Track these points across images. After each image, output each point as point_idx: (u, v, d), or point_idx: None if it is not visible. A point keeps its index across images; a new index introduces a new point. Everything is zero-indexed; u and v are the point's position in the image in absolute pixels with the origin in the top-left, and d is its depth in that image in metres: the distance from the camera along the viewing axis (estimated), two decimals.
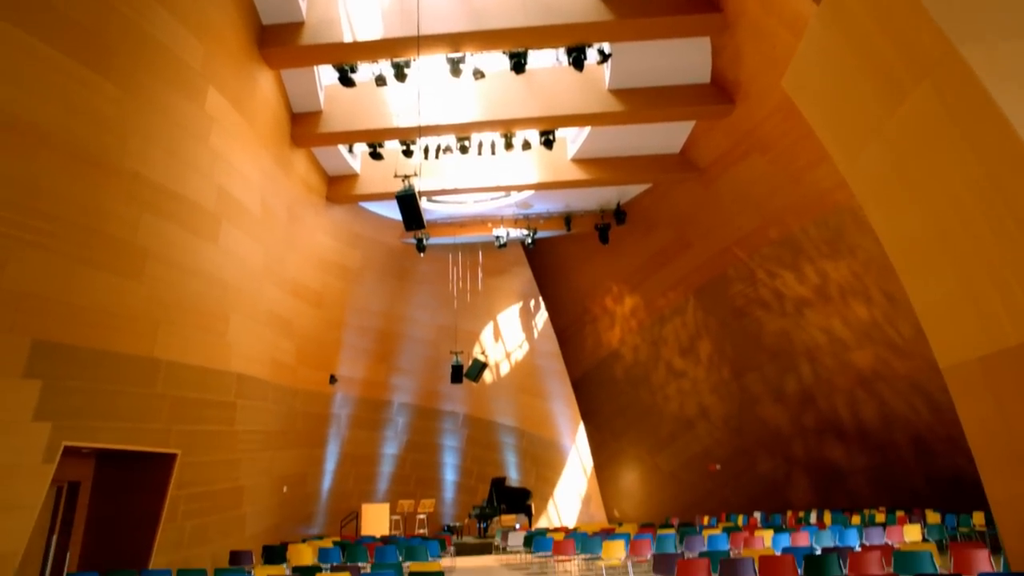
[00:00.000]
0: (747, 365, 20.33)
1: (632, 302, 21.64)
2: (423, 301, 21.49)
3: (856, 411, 19.08)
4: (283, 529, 16.71)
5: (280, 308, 16.09)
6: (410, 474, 21.42)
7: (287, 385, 16.72)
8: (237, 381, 13.69)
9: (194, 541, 12.32)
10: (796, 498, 20.77)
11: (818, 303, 17.92)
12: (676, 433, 21.98)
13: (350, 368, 19.92)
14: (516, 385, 22.70)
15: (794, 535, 11.03)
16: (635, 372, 22.13)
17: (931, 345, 6.77)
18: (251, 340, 14.37)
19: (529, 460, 22.66)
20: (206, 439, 12.66)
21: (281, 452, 16.47)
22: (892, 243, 6.57)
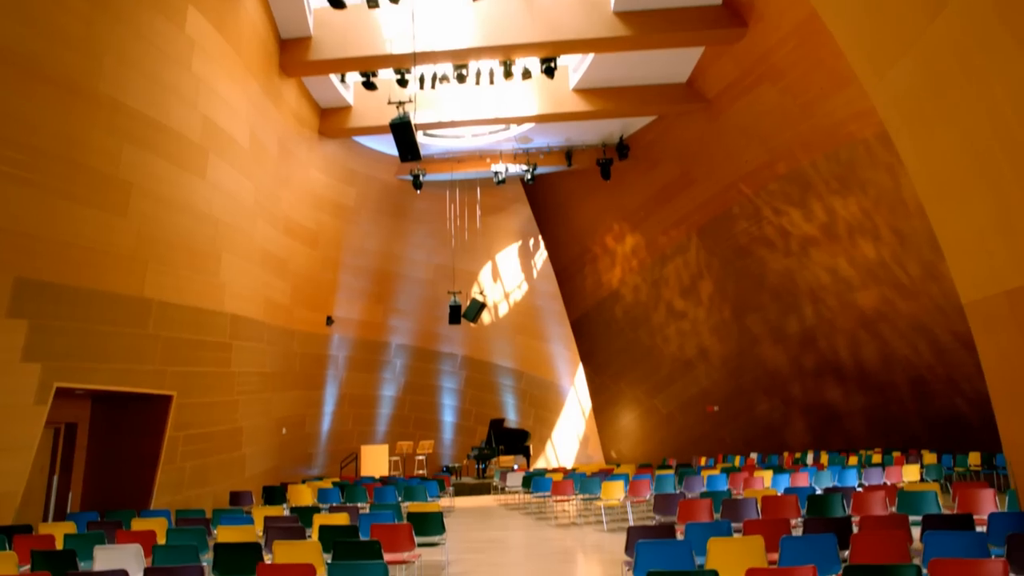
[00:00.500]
0: (749, 306, 20.24)
1: (633, 241, 21.37)
2: (420, 240, 21.19)
3: (856, 352, 19.12)
4: (283, 470, 16.87)
5: (274, 247, 15.80)
6: (409, 416, 21.58)
7: (283, 326, 16.58)
8: (232, 322, 13.52)
9: (194, 482, 12.38)
10: (793, 439, 21.04)
11: (824, 242, 17.69)
12: (675, 375, 22.08)
13: (347, 309, 19.78)
14: (515, 326, 22.65)
15: (794, 476, 11.10)
16: (635, 313, 22.06)
17: (954, 279, 6.55)
18: (245, 280, 14.14)
19: (528, 402, 22.83)
20: (202, 380, 12.57)
21: (279, 394, 16.46)
22: (920, 168, 6.27)
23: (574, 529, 11.18)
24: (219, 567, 5.57)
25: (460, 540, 10.42)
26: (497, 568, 8.23)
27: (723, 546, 5.06)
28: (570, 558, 8.85)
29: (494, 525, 12.06)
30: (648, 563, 5.01)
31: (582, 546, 9.66)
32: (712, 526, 5.96)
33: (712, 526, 5.96)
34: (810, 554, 4.95)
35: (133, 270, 10.50)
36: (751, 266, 19.62)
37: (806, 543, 5.03)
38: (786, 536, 5.08)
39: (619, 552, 8.89)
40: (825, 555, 4.94)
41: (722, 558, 4.96)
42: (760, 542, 5.04)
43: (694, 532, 5.86)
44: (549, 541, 10.16)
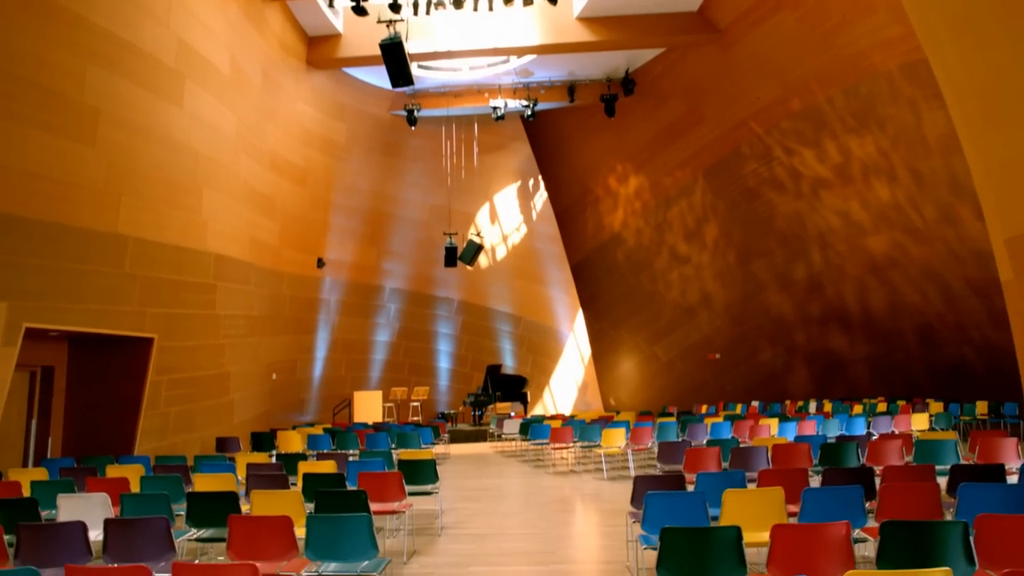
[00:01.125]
0: (755, 251, 19.77)
1: (637, 182, 20.73)
2: (415, 180, 20.50)
3: (864, 299, 18.77)
4: (274, 416, 16.64)
5: (259, 184, 15.17)
6: (403, 361, 21.30)
7: (271, 268, 16.09)
8: (215, 262, 13.02)
9: (180, 428, 12.09)
10: (794, 388, 20.87)
11: (837, 184, 17.10)
12: (676, 321, 21.75)
13: (338, 251, 19.25)
14: (513, 270, 22.16)
15: (800, 424, 10.83)
16: (637, 257, 21.58)
17: (989, 217, 6.04)
18: (228, 217, 13.57)
19: (525, 347, 22.54)
20: (185, 323, 12.15)
21: (268, 338, 16.09)
22: (963, 89, 5.69)
23: (572, 477, 10.95)
24: (193, 517, 5.22)
25: (455, 488, 10.18)
26: (492, 517, 7.97)
27: (739, 498, 4.71)
28: (568, 507, 8.59)
29: (490, 473, 11.84)
30: (658, 517, 4.65)
31: (581, 495, 9.42)
32: (724, 476, 5.61)
33: (724, 476, 5.61)
34: (834, 507, 4.59)
35: (106, 204, 9.93)
36: (759, 209, 19.06)
37: (830, 495, 4.67)
38: (809, 488, 4.71)
39: (620, 501, 8.63)
40: (851, 508, 4.59)
41: (739, 511, 4.61)
42: (780, 494, 4.68)
43: (706, 483, 5.51)
44: (546, 489, 9.91)
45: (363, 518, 4.20)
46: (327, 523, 4.25)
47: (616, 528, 7.17)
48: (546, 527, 7.40)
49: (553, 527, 7.42)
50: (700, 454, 7.43)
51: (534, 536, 7.01)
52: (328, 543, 4.22)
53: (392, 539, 6.99)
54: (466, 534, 7.17)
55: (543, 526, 7.45)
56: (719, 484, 5.42)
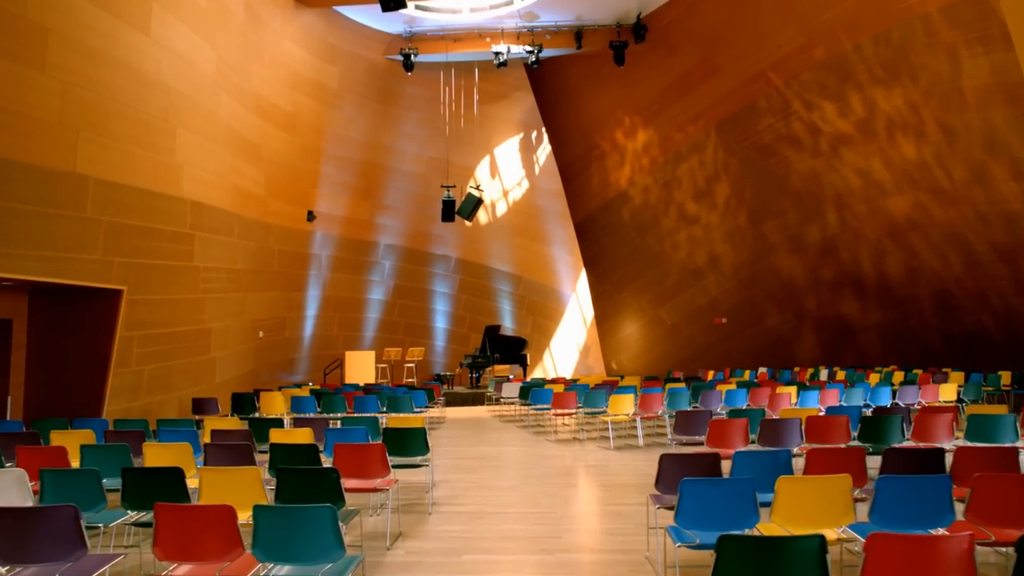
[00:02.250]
0: (767, 211, 18.72)
1: (645, 137, 19.54)
2: (411, 130, 19.28)
3: (880, 264, 17.80)
4: (261, 376, 15.75)
5: (243, 128, 14.02)
6: (398, 321, 20.35)
7: (257, 219, 15.02)
8: (192, 210, 11.95)
9: (155, 387, 11.17)
10: (802, 354, 20.03)
11: (859, 140, 15.98)
12: (682, 284, 20.78)
13: (330, 204, 18.15)
14: (514, 227, 21.06)
15: (823, 393, 9.94)
16: (643, 216, 20.51)
17: None
18: (207, 162, 12.46)
19: (525, 308, 21.58)
20: (159, 275, 11.14)
21: (254, 294, 15.10)
22: None
23: (575, 446, 10.09)
24: (129, 498, 4.29)
25: (448, 456, 9.31)
26: (489, 492, 7.08)
27: (796, 488, 3.77)
28: (573, 480, 7.72)
29: (487, 439, 10.98)
30: (697, 510, 3.72)
31: (585, 466, 8.54)
32: (766, 458, 4.67)
33: (766, 458, 4.67)
34: (914, 501, 3.66)
35: (61, 139, 8.83)
36: (773, 167, 17.95)
37: (910, 487, 3.73)
38: (886, 477, 3.76)
39: (628, 474, 7.76)
40: (935, 504, 3.66)
41: (797, 505, 3.67)
42: (846, 483, 3.74)
43: (745, 465, 4.58)
44: (548, 459, 9.05)
45: (325, 511, 3.25)
46: (280, 516, 3.31)
47: (628, 507, 6.28)
48: (549, 504, 6.52)
49: (557, 504, 6.53)
50: (725, 427, 6.51)
51: (536, 516, 6.12)
52: (281, 541, 3.28)
53: (375, 517, 6.11)
54: (460, 512, 6.29)
55: (546, 503, 6.56)
56: (761, 467, 4.50)
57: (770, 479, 3.88)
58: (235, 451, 5.35)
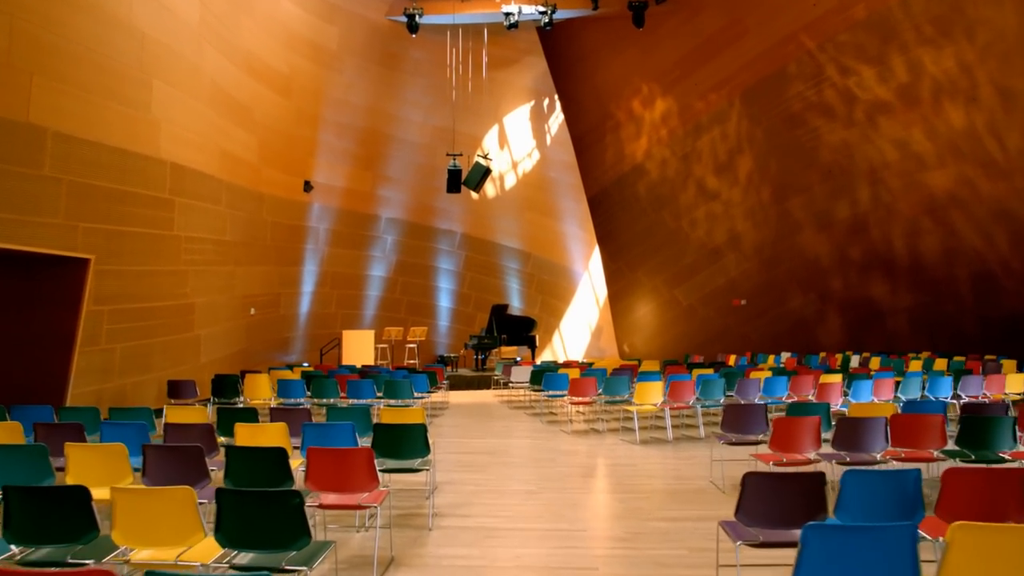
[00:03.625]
0: (793, 187, 17.36)
1: (664, 106, 18.13)
2: (415, 97, 17.89)
3: (914, 243, 16.46)
4: (253, 355, 14.57)
5: (232, 87, 12.70)
6: (400, 299, 19.11)
7: (248, 187, 13.75)
8: (172, 172, 10.68)
9: (129, 368, 9.98)
10: (825, 338, 18.76)
11: (899, 108, 14.59)
12: (700, 263, 19.47)
13: (329, 174, 16.85)
14: (523, 201, 19.71)
15: (877, 384, 8.68)
16: (660, 191, 19.15)
17: None
18: (190, 121, 11.16)
19: (534, 287, 20.30)
20: (133, 243, 9.90)
21: (245, 268, 13.87)
22: None
23: (595, 439, 8.87)
24: (12, 531, 3.07)
25: (452, 450, 8.11)
26: (501, 499, 5.86)
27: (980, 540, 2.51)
28: (598, 483, 6.50)
29: (495, 429, 9.77)
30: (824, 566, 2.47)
31: (610, 465, 7.31)
32: (885, 480, 3.39)
33: (885, 480, 3.39)
34: None
35: (9, 82, 7.55)
36: (802, 139, 16.56)
37: None
38: None
39: (664, 477, 6.52)
40: None
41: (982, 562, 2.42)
42: None
43: (862, 490, 3.31)
44: (566, 456, 7.83)
45: None
46: None
47: (674, 525, 5.05)
48: (576, 518, 5.30)
49: (586, 519, 5.31)
50: (792, 427, 5.25)
51: (562, 536, 4.90)
52: None
53: (362, 534, 4.89)
54: (466, 527, 5.07)
55: (572, 517, 5.34)
56: (882, 491, 3.24)
57: (900, 509, 2.64)
58: (182, 457, 4.12)
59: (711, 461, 6.82)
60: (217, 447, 5.09)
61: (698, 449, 8.05)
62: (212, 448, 4.99)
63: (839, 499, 3.29)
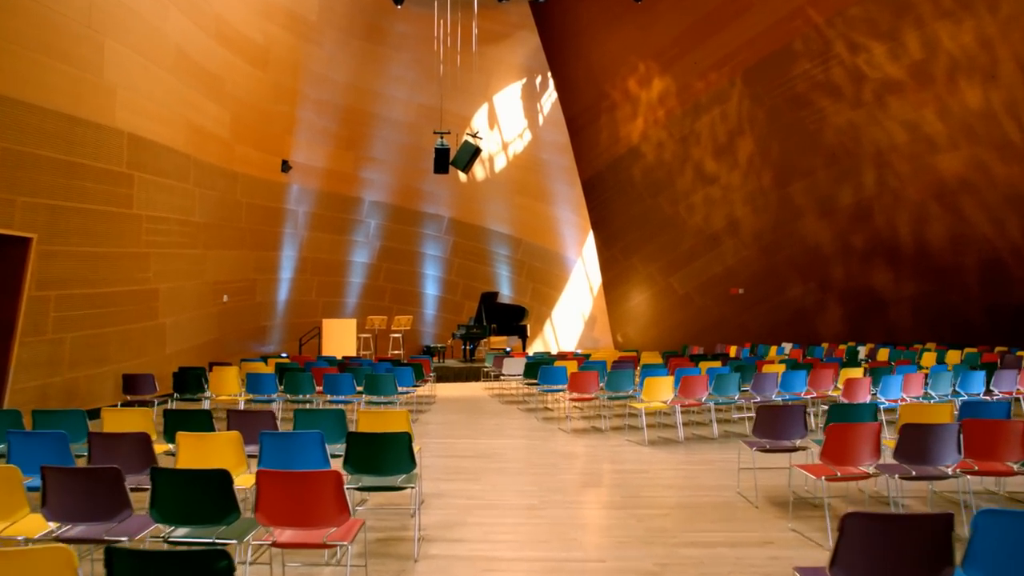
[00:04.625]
0: (795, 171, 16.56)
1: (662, 86, 17.21)
2: (400, 73, 16.83)
3: (920, 230, 15.73)
4: (227, 345, 13.54)
5: (201, 55, 11.60)
6: (384, 287, 18.11)
7: (220, 165, 12.68)
8: (130, 144, 9.61)
9: (82, 360, 8.95)
10: (825, 328, 18.04)
11: (910, 87, 13.79)
12: (697, 250, 18.65)
13: (308, 154, 15.78)
14: (514, 184, 18.74)
15: (907, 379, 7.88)
16: (656, 175, 18.27)
17: None
18: (151, 89, 10.09)
19: (525, 274, 19.38)
20: (85, 222, 8.85)
21: (217, 251, 12.83)
22: None
23: (597, 439, 8.00)
24: None
25: (441, 452, 7.20)
26: (498, 517, 4.96)
27: None
28: (609, 495, 5.61)
29: (486, 428, 8.87)
30: None
31: (619, 471, 6.43)
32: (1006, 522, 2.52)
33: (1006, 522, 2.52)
34: None
35: None
36: (805, 120, 15.75)
37: None
38: None
39: (683, 487, 5.65)
40: None
41: None
42: None
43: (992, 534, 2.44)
44: (568, 460, 6.94)
45: None
46: None
47: (710, 552, 4.18)
48: (591, 544, 4.41)
49: (602, 544, 4.42)
50: (850, 436, 4.38)
51: (581, 571, 4.01)
52: None
53: (332, 569, 3.97)
54: (460, 557, 4.17)
55: (586, 541, 4.46)
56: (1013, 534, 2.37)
57: None
58: (95, 482, 3.17)
59: (738, 469, 5.96)
60: (154, 461, 4.13)
61: (713, 451, 7.21)
62: (146, 464, 4.04)
63: (970, 547, 2.42)
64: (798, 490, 5.47)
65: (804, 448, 5.37)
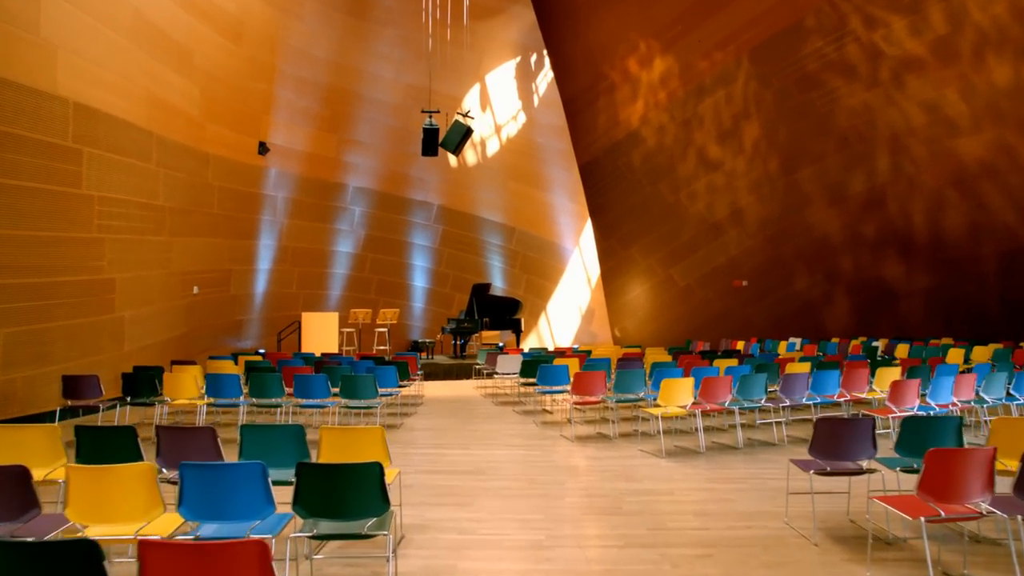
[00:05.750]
0: (804, 156, 15.59)
1: (664, 66, 16.15)
2: (387, 50, 15.66)
3: (936, 218, 14.82)
4: (198, 341, 12.41)
5: (165, 22, 10.42)
6: (370, 278, 16.99)
7: (188, 145, 11.51)
8: (77, 115, 8.44)
9: (19, 358, 7.80)
10: (832, 322, 17.11)
11: (932, 65, 12.81)
12: (699, 240, 17.64)
13: (288, 136, 14.62)
14: (507, 169, 17.62)
15: (959, 381, 6.86)
16: (657, 161, 17.23)
17: None
18: (103, 55, 8.91)
19: (519, 265, 18.29)
20: (21, 201, 7.69)
21: (185, 239, 11.68)
22: None
23: (605, 448, 6.95)
24: None
25: (426, 467, 6.11)
26: (500, 568, 3.89)
27: None
28: (630, 525, 4.55)
29: (480, 435, 7.81)
30: None
31: (637, 493, 5.38)
32: None
33: None
34: None
35: None
36: (816, 102, 14.76)
37: None
38: None
39: (728, 520, 4.60)
40: None
41: None
42: None
43: None
44: (579, 478, 5.88)
45: None
46: None
47: None
48: None
49: None
50: (956, 463, 3.34)
51: None
52: None
53: None
54: None
55: None
56: None
57: None
58: None
59: (786, 495, 4.92)
60: (35, 506, 3.04)
61: (740, 465, 6.20)
62: (20, 510, 2.94)
63: None
64: (858, 519, 4.46)
65: (872, 471, 4.34)
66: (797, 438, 7.32)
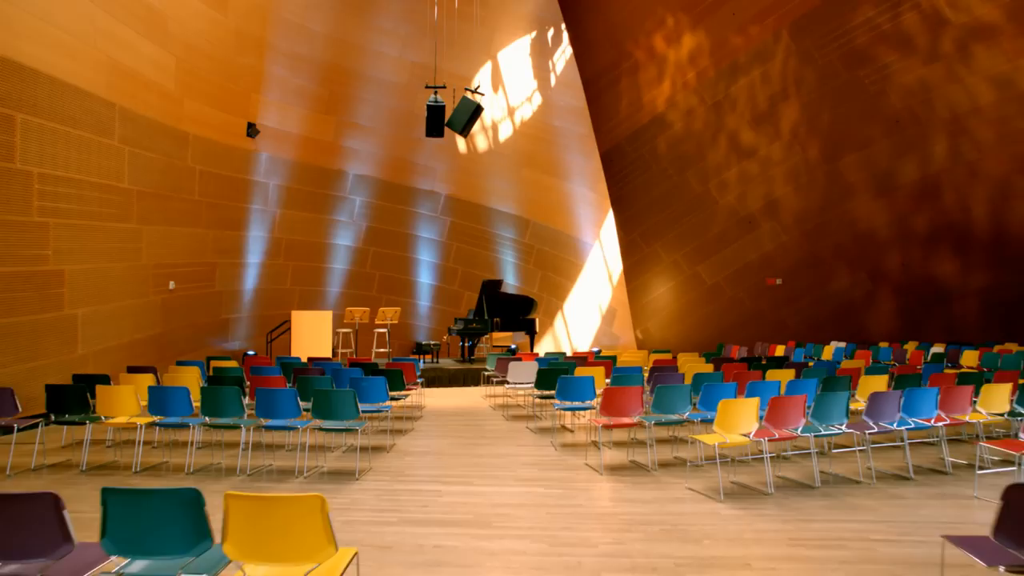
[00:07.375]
0: (848, 142, 13.97)
1: (693, 43, 14.53)
2: (390, 25, 14.15)
3: (999, 209, 13.15)
4: (176, 343, 10.97)
5: None
6: (372, 274, 15.49)
7: (162, 121, 10.06)
8: (6, 73, 6.99)
9: None
10: (875, 325, 15.41)
11: (1006, 32, 11.13)
12: (729, 235, 16.00)
13: (280, 117, 13.16)
14: (521, 156, 16.03)
15: None
16: (684, 148, 15.61)
17: None
18: (46, 6, 7.46)
19: (534, 261, 16.70)
20: None
21: (159, 227, 10.23)
22: None
23: (645, 487, 5.36)
24: None
25: (412, 514, 4.54)
26: None
27: None
28: None
29: (488, 463, 6.25)
30: None
31: (711, 562, 3.79)
32: None
33: None
34: None
35: None
36: (865, 80, 13.11)
37: None
38: None
39: None
40: None
41: None
42: None
43: None
44: (616, 533, 4.30)
45: None
46: None
47: None
48: None
49: None
50: None
51: None
52: None
53: None
54: None
55: None
56: None
57: None
58: None
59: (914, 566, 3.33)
60: None
61: (824, 515, 4.62)
62: None
63: None
64: None
65: None
66: (886, 474, 5.71)
